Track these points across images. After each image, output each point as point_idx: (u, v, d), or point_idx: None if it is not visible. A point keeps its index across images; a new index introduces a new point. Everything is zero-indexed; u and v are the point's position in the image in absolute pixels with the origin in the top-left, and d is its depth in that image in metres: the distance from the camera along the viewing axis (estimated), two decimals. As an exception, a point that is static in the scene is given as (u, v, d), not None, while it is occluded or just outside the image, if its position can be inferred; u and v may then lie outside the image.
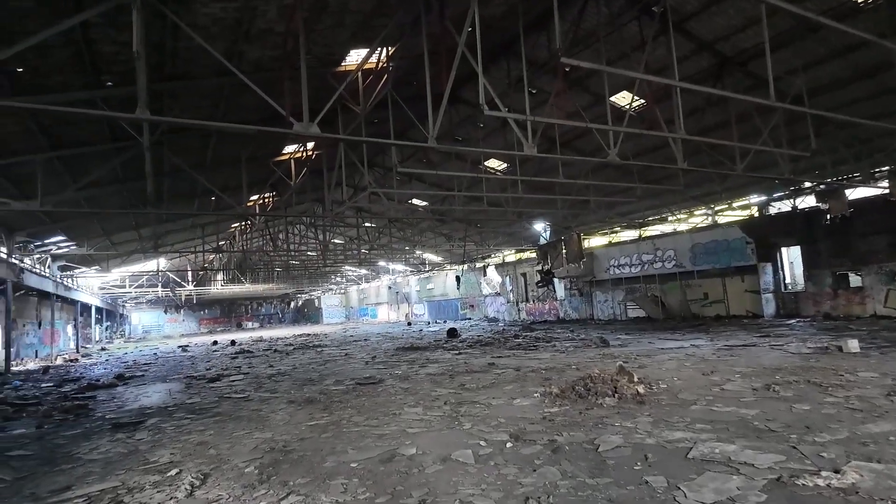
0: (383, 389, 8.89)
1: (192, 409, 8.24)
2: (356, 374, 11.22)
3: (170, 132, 12.66)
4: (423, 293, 45.39)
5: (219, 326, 62.41)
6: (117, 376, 13.92)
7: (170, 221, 23.89)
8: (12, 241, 17.27)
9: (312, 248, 33.97)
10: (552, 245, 23.91)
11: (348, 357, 15.58)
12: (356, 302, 60.01)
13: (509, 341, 16.88)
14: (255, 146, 16.21)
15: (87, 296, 33.35)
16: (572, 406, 6.60)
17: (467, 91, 16.13)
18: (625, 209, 22.57)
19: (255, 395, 9.43)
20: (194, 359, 19.68)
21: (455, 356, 13.64)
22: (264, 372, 13.12)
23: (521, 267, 33.31)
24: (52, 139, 10.97)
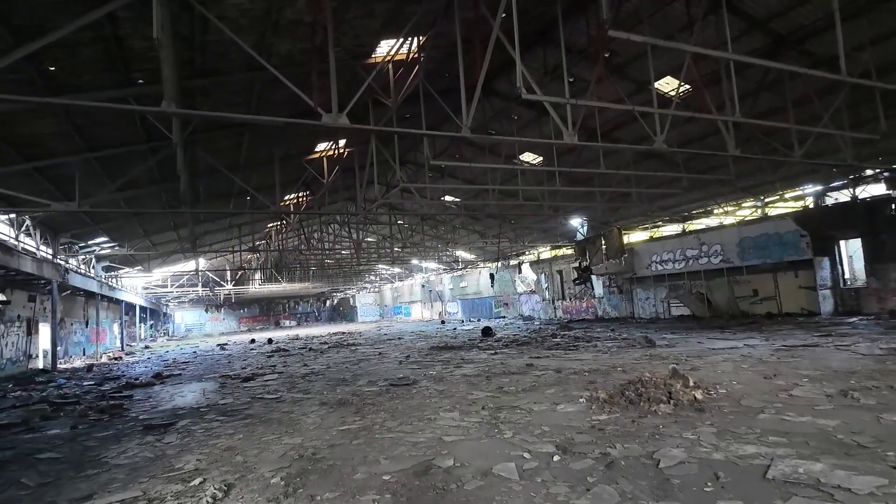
0: (417, 391, 8.52)
1: (224, 411, 8.06)
2: (390, 375, 10.90)
3: (203, 131, 12.66)
4: (456, 291, 45.02)
5: (258, 325, 63.64)
6: (155, 375, 14.05)
7: (207, 221, 24.27)
8: (57, 242, 17.77)
9: (346, 247, 34.12)
10: (591, 241, 23.07)
11: (382, 356, 15.32)
12: (390, 300, 60.19)
13: (547, 341, 16.28)
14: (287, 145, 16.15)
15: (131, 295, 34.37)
16: (623, 413, 6.05)
17: (500, 83, 15.64)
18: (667, 202, 21.57)
19: (288, 395, 9.22)
20: (231, 357, 19.85)
21: (491, 356, 13.17)
22: (298, 371, 12.97)
23: (557, 264, 32.50)
24: (89, 140, 11.07)
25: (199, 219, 22.88)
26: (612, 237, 21.37)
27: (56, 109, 9.21)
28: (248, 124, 13.11)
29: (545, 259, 33.98)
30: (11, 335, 18.02)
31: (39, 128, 9.80)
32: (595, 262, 22.52)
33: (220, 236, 30.34)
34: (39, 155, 10.97)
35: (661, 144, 10.07)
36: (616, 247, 21.02)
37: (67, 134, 10.35)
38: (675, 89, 13.14)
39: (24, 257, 14.08)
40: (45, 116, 9.43)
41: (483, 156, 19.66)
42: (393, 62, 11.64)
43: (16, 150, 10.44)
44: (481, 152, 19.23)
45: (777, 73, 12.56)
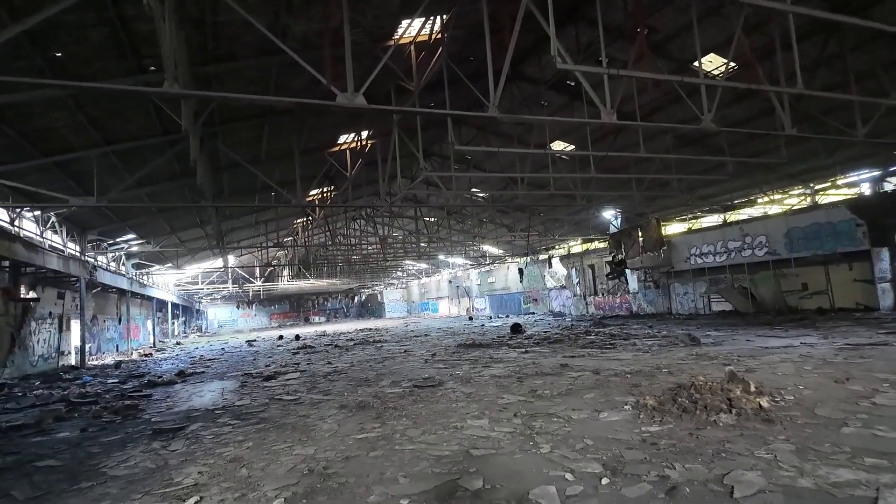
0: (443, 394, 7.89)
1: (238, 414, 7.60)
2: (414, 375, 10.32)
3: (221, 122, 12.30)
4: (483, 287, 44.29)
5: (288, 321, 64.28)
6: (178, 373, 13.84)
7: (233, 218, 24.20)
8: (84, 239, 17.83)
9: (372, 243, 33.78)
10: (626, 233, 21.98)
11: (407, 354, 14.77)
12: (417, 296, 59.87)
13: (581, 338, 15.45)
14: (308, 137, 15.71)
15: (163, 292, 34.82)
16: (677, 424, 5.28)
17: (529, 66, 14.84)
18: (707, 191, 20.35)
19: (307, 397, 8.72)
20: (257, 354, 19.65)
21: (521, 355, 12.46)
22: (321, 370, 12.53)
23: (589, 258, 31.42)
24: (105, 133, 10.81)
25: (224, 215, 22.81)
26: (650, 228, 20.21)
27: (67, 101, 8.91)
28: (266, 114, 12.73)
29: (576, 253, 32.92)
30: (43, 332, 18.20)
31: (53, 120, 9.54)
32: (631, 254, 21.42)
33: (246, 233, 30.37)
34: (57, 149, 10.77)
35: (709, 124, 9.16)
36: (654, 238, 19.89)
37: (82, 127, 10.09)
38: (724, 65, 12.08)
39: (49, 254, 14.04)
40: (57, 108, 9.15)
41: (511, 146, 18.91)
42: (415, 44, 11.00)
43: (33, 145, 10.24)
44: (509, 142, 18.47)
45: (836, 47, 11.44)
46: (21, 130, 9.52)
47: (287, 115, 13.24)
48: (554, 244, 33.99)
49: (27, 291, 17.16)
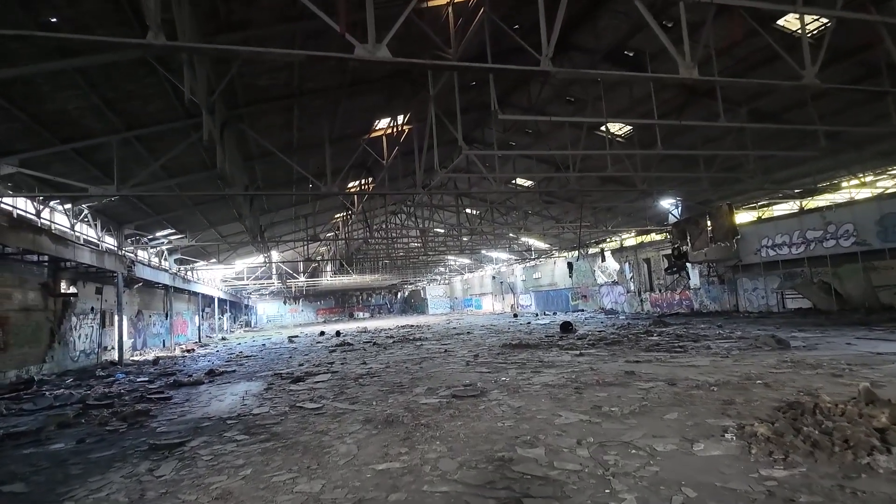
0: (486, 408, 6.62)
1: (250, 426, 6.60)
2: (453, 380, 9.09)
3: (246, 104, 11.44)
4: (528, 283, 42.61)
5: (333, 316, 64.67)
6: (209, 371, 13.20)
7: (271, 211, 23.75)
8: (121, 233, 17.60)
9: (413, 238, 32.85)
10: (693, 221, 19.89)
11: (447, 354, 13.58)
12: (460, 292, 58.74)
13: (642, 339, 13.80)
14: (342, 122, 14.74)
15: (209, 288, 35.12)
16: (811, 466, 3.82)
17: (580, 34, 13.27)
18: (784, 174, 18.07)
19: (331, 405, 7.65)
20: (294, 351, 18.99)
21: (576, 358, 11.01)
22: (353, 371, 11.51)
23: (644, 251, 29.29)
24: (124, 118, 10.12)
25: (261, 208, 22.34)
26: (721, 216, 18.04)
27: (75, 78, 8.18)
28: (294, 96, 11.78)
29: (629, 246, 30.81)
30: (85, 327, 18.15)
31: (65, 101, 8.87)
32: (698, 245, 19.33)
33: (286, 228, 30.04)
34: (76, 136, 10.17)
35: (812, 79, 7.44)
36: (725, 227, 17.77)
37: (98, 110, 9.40)
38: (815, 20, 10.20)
39: (81, 248, 13.69)
40: (66, 88, 8.45)
41: (560, 131, 17.35)
42: (453, 5, 9.71)
43: (49, 130, 9.65)
44: (559, 125, 16.93)
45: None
46: (33, 113, 8.91)
47: (317, 97, 12.28)
48: (605, 237, 31.97)
49: (67, 287, 17.10)
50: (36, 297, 15.17)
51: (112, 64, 8.10)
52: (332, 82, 11.76)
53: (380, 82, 12.47)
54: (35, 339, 14.94)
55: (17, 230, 10.25)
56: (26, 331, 14.47)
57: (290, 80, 10.92)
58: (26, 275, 14.63)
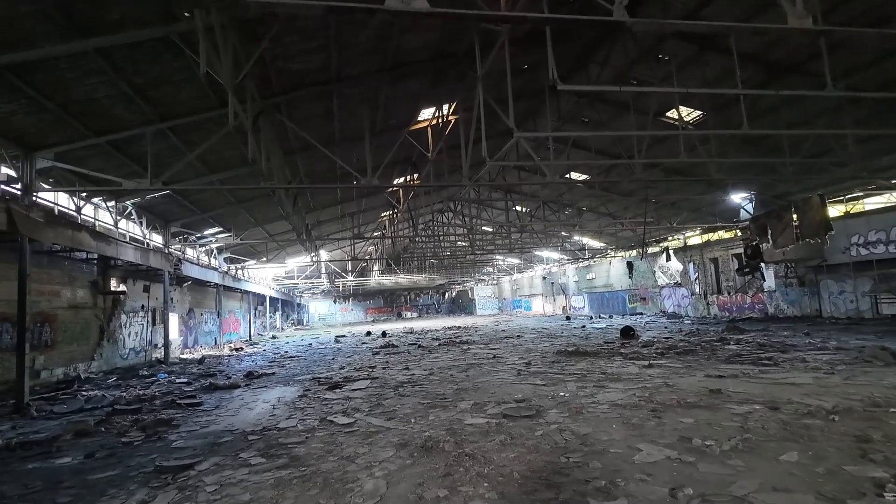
0: (544, 434, 5.50)
1: (271, 445, 5.78)
2: (503, 393, 8.01)
3: (282, 92, 10.78)
4: (581, 284, 40.70)
5: (382, 316, 64.93)
6: (248, 374, 12.72)
7: (317, 210, 23.40)
8: (168, 231, 17.56)
9: (460, 236, 31.90)
10: (775, 215, 17.72)
11: (496, 361, 12.47)
12: (509, 293, 57.28)
13: (719, 349, 12.18)
14: (384, 113, 13.94)
15: (260, 286, 35.48)
16: None
17: (648, 6, 11.84)
18: (886, 160, 15.77)
19: (365, 420, 6.75)
20: (338, 353, 18.43)
21: (644, 370, 9.65)
22: (395, 378, 10.63)
23: (710, 250, 27.04)
24: (157, 107, 9.65)
25: (307, 206, 22.01)
26: (810, 209, 15.80)
27: (98, 62, 7.69)
28: (332, 81, 11.02)
29: (694, 245, 28.56)
30: (135, 325, 18.28)
31: (92, 89, 8.43)
32: (781, 242, 17.18)
33: (333, 227, 29.82)
34: (109, 128, 9.81)
35: (962, 27, 5.84)
36: (816, 222, 15.59)
37: (128, 99, 8.95)
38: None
39: (124, 245, 13.55)
40: (91, 73, 7.98)
41: (625, 114, 15.86)
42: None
43: (80, 122, 9.29)
44: (621, 110, 15.49)
45: None
46: (62, 103, 8.53)
47: (356, 84, 11.48)
48: (667, 235, 29.84)
49: (117, 284, 17.24)
50: (85, 295, 15.25)
51: (135, 45, 7.55)
52: (371, 66, 10.93)
53: (422, 65, 11.54)
54: (84, 336, 15.01)
55: (54, 226, 10.02)
56: (74, 328, 14.53)
57: (326, 63, 10.16)
58: (75, 272, 14.71)
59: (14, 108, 8.24)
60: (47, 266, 13.40)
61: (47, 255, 13.33)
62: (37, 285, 13.01)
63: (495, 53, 10.07)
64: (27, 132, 9.10)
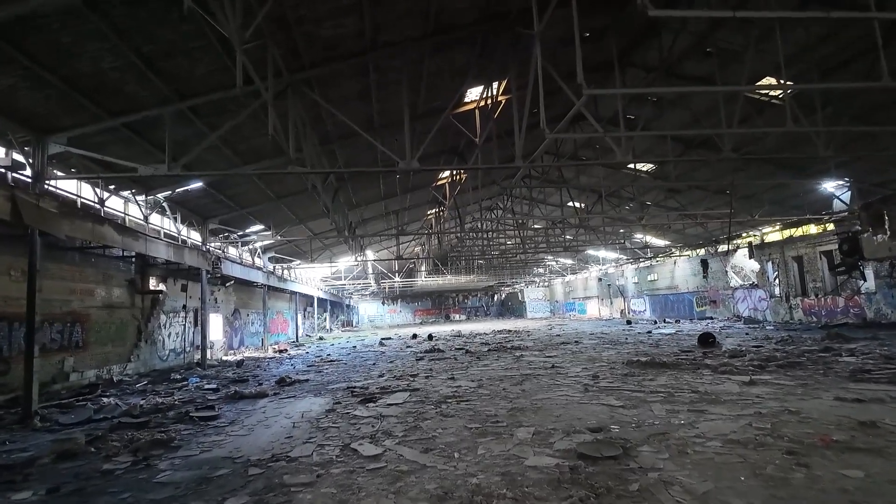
0: (643, 491, 3.85)
1: (270, 488, 4.43)
2: (571, 417, 6.37)
3: (312, 66, 9.58)
4: (642, 286, 37.93)
5: (430, 318, 64.09)
6: (279, 380, 11.62)
7: (360, 206, 22.38)
8: (205, 228, 16.90)
9: (510, 236, 30.20)
10: (894, 201, 15.02)
11: (556, 371, 10.78)
12: (561, 295, 54.76)
13: (831, 362, 9.98)
14: (426, 93, 12.57)
15: (307, 287, 35.04)
16: None
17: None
18: None
19: (396, 452, 5.31)
20: (381, 357, 17.22)
21: (746, 388, 7.73)
22: (438, 390, 9.17)
23: (793, 247, 24.07)
24: (173, 84, 8.65)
25: (350, 203, 21.01)
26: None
27: (97, 24, 6.68)
28: (367, 52, 9.72)
29: (773, 242, 25.57)
30: (175, 326, 17.77)
31: (97, 59, 7.45)
32: (902, 234, 14.47)
33: (378, 226, 28.84)
34: (124, 108, 8.90)
35: None
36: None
37: (139, 73, 7.97)
38: None
39: (154, 241, 12.81)
40: (91, 38, 6.99)
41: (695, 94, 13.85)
42: None
43: (91, 100, 8.40)
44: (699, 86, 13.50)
45: None
46: (66, 76, 7.63)
47: (396, 54, 10.12)
48: (739, 231, 26.97)
49: (157, 284, 16.74)
50: (122, 294, 14.73)
51: (133, 1, 6.48)
52: (411, 31, 9.56)
53: (469, 30, 10.05)
54: (119, 337, 14.47)
55: (70, 218, 9.23)
56: (109, 329, 13.99)
57: (359, 28, 8.87)
58: (111, 270, 14.18)
59: (13, 83, 7.40)
60: (79, 263, 12.88)
61: (79, 252, 12.81)
62: (68, 283, 12.50)
63: (553, 9, 8.43)
64: (35, 113, 8.30)
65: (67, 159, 9.84)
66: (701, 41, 12.39)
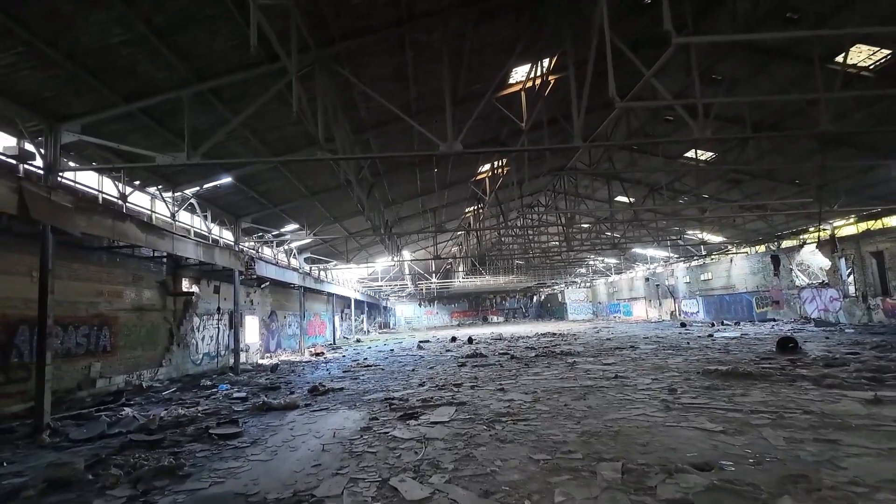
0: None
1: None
2: (662, 447, 5.09)
3: (343, 38, 8.59)
4: (694, 286, 35.62)
5: (467, 319, 63.16)
6: (312, 389, 10.69)
7: (396, 203, 21.46)
8: (238, 227, 16.26)
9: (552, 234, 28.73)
10: None
11: (621, 383, 9.41)
12: (605, 297, 52.54)
13: (964, 373, 8.26)
14: (468, 74, 11.43)
15: (344, 289, 34.46)
16: None
17: None
18: None
19: (447, 492, 4.18)
20: (420, 362, 16.17)
21: (875, 408, 6.23)
22: (488, 405, 7.99)
23: (871, 242, 21.70)
24: (188, 62, 7.81)
25: (385, 200, 20.10)
26: None
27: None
28: (403, 22, 8.66)
29: (846, 236, 23.20)
30: (209, 329, 17.24)
31: (103, 32, 6.65)
32: None
33: (414, 225, 27.88)
34: (138, 91, 8.13)
35: None
36: None
37: (151, 48, 7.14)
38: None
39: (181, 240, 12.12)
40: (97, 6, 6.16)
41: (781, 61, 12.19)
42: None
43: (102, 82, 7.65)
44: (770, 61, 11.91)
45: None
46: (70, 53, 6.87)
47: (434, 26, 9.04)
48: (807, 225, 24.68)
49: (190, 285, 16.20)
50: (153, 296, 14.18)
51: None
52: (451, 0, 8.46)
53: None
54: (150, 341, 13.91)
55: (88, 214, 8.52)
56: (139, 332, 13.42)
57: (397, 9, 7.84)
58: (141, 271, 13.64)
59: (13, 61, 6.67)
60: (107, 263, 12.34)
61: (106, 252, 12.27)
62: (95, 284, 11.96)
63: None
64: (43, 96, 7.60)
65: (84, 150, 9.19)
66: (781, 4, 10.81)
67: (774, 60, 12.22)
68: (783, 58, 12.33)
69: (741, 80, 13.57)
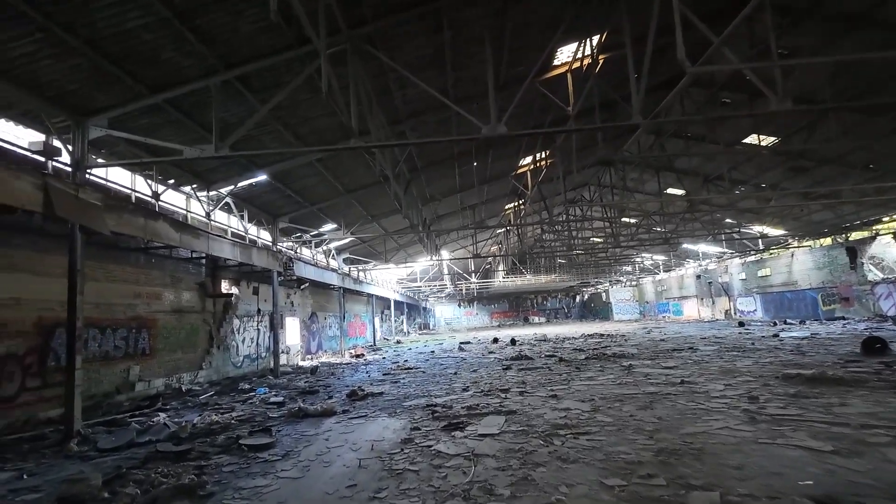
0: None
1: None
2: (763, 471, 4.18)
3: (375, 17, 7.98)
4: (750, 283, 33.47)
5: (508, 320, 62.22)
6: (351, 393, 10.14)
7: (434, 200, 20.84)
8: (276, 227, 15.99)
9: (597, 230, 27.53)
10: None
11: (689, 390, 8.41)
12: (652, 295, 50.39)
13: None
14: (510, 54, 10.62)
15: (383, 289, 34.19)
16: None
17: None
18: None
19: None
20: (462, 364, 15.47)
21: None
22: (541, 414, 7.19)
23: (963, 231, 19.54)
24: (213, 47, 7.36)
25: (423, 196, 19.51)
26: None
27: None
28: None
29: (929, 225, 21.06)
30: (249, 330, 17.08)
31: (121, 15, 6.25)
32: None
33: (453, 223, 27.20)
34: (165, 81, 7.76)
35: None
36: None
37: (175, 33, 6.73)
38: None
39: (217, 240, 11.84)
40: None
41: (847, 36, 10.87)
42: None
43: (125, 72, 7.30)
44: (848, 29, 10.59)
45: None
46: (89, 38, 6.50)
47: (473, 3, 8.33)
48: (882, 214, 22.58)
49: (229, 287, 16.05)
50: (192, 298, 14.04)
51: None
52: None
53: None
54: (189, 343, 13.75)
55: (118, 212, 8.24)
56: (178, 334, 13.27)
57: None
58: (179, 273, 13.50)
59: (33, 50, 6.37)
60: (145, 265, 12.19)
61: (143, 253, 12.13)
62: (132, 286, 11.81)
63: None
64: (67, 89, 7.31)
65: (116, 147, 8.94)
66: None
67: (857, 27, 10.87)
68: (864, 24, 10.96)
69: (811, 54, 12.23)
